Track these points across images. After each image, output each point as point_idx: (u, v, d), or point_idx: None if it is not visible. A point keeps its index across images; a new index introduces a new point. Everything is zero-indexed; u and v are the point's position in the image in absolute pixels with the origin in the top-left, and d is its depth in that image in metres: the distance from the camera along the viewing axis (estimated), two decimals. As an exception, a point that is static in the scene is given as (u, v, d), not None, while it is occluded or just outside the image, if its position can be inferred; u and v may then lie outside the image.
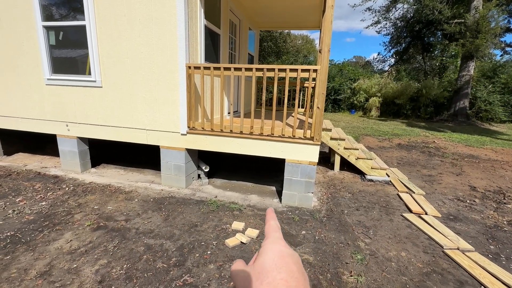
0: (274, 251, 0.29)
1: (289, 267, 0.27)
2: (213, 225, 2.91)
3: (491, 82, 13.77)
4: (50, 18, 3.90)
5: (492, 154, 6.78)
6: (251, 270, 0.29)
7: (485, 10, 11.85)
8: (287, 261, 0.28)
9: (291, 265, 0.28)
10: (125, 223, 2.88)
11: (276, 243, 0.31)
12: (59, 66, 4.06)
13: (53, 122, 4.28)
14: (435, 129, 11.08)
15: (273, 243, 0.31)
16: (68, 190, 3.66)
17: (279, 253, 0.29)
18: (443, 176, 4.97)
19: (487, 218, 3.34)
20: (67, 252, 2.35)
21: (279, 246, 0.30)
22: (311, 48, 27.07)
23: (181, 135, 3.70)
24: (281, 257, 0.28)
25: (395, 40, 17.68)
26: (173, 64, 3.47)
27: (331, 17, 2.96)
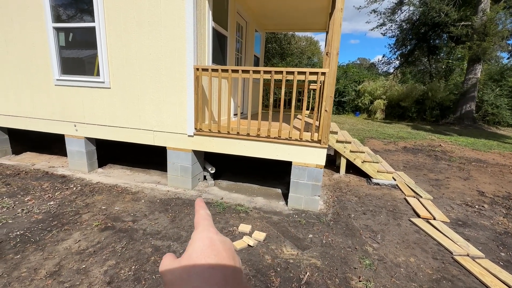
0: (202, 239, 0.27)
1: (219, 255, 0.26)
2: (219, 227, 2.91)
3: (499, 85, 13.62)
4: (60, 19, 3.95)
5: (499, 159, 6.69)
6: (178, 264, 0.26)
7: (492, 13, 11.74)
8: (216, 248, 0.26)
9: (221, 252, 0.26)
10: (133, 224, 2.90)
11: (205, 230, 0.29)
12: (68, 67, 4.11)
13: (61, 122, 4.32)
14: (441, 132, 10.98)
15: (202, 231, 0.29)
16: (76, 190, 3.69)
17: (208, 241, 0.27)
18: (450, 180, 4.92)
19: (496, 224, 3.29)
20: (76, 252, 2.36)
21: (208, 233, 0.29)
22: (315, 50, 27.04)
23: (188, 137, 3.71)
24: (210, 245, 0.26)
25: (401, 42, 17.57)
26: (181, 66, 3.49)
27: (340, 20, 2.95)
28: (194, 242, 0.28)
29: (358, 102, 16.01)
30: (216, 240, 0.28)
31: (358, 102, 16.07)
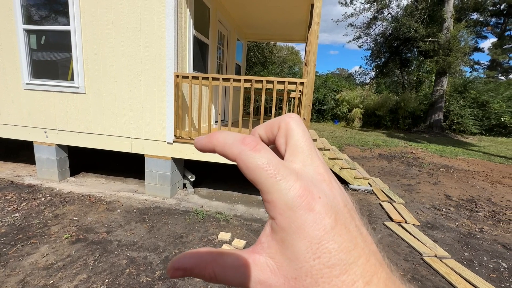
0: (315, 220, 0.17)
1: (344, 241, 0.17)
2: (199, 236, 2.87)
3: (462, 97, 14.77)
4: (32, 21, 3.78)
5: (464, 165, 7.22)
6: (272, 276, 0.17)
7: (455, 31, 12.83)
8: (339, 230, 0.17)
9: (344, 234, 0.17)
10: (107, 235, 2.77)
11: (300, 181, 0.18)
12: (39, 71, 3.92)
13: (30, 128, 4.08)
14: (413, 140, 11.65)
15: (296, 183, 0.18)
16: (44, 201, 3.48)
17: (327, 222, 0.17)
18: (421, 185, 5.22)
19: (461, 226, 3.53)
20: (43, 267, 2.21)
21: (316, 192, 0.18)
22: (296, 59, 27.83)
23: (167, 144, 3.65)
24: (332, 228, 0.17)
25: (376, 54, 18.61)
26: (161, 73, 3.46)
27: (316, 33, 3.10)
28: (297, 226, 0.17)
29: (337, 110, 16.62)
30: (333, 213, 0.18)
31: (337, 111, 16.68)
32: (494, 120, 14.25)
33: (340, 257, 0.16)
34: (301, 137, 0.21)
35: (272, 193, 0.17)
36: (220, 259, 0.19)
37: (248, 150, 0.18)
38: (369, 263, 0.17)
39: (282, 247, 0.17)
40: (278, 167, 0.18)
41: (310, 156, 0.20)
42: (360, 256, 0.17)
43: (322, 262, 0.16)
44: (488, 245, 3.08)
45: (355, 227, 0.18)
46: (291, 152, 0.21)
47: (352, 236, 0.17)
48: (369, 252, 0.17)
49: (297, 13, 5.08)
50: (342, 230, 0.17)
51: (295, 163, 0.20)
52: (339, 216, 0.18)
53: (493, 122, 14.31)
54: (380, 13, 16.31)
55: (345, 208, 0.18)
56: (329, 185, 0.19)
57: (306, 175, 0.19)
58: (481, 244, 3.09)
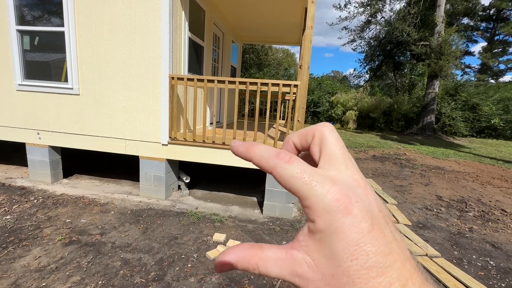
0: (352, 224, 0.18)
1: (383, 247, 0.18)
2: (193, 237, 2.87)
3: (454, 100, 15.07)
4: (25, 21, 3.76)
5: (455, 166, 7.36)
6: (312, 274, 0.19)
7: (446, 35, 13.11)
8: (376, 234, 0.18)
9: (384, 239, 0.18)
10: (100, 237, 2.76)
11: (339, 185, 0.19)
12: (32, 72, 3.89)
13: (23, 130, 4.03)
14: (406, 141, 11.83)
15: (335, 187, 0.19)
16: (37, 203, 3.44)
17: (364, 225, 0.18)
18: (413, 186, 5.31)
19: (451, 226, 3.61)
20: (35, 270, 2.20)
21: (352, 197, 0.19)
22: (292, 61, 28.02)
23: (162, 146, 3.66)
24: (369, 231, 0.18)
25: (369, 57, 18.88)
26: (156, 75, 3.47)
27: (310, 36, 3.16)
28: (334, 230, 0.18)
29: (332, 112, 16.77)
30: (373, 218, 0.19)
31: (331, 113, 16.82)
32: (484, 123, 14.57)
33: (377, 260, 0.17)
34: (335, 145, 0.22)
35: (309, 198, 0.19)
36: (261, 253, 0.20)
37: (282, 163, 0.20)
38: (404, 267, 0.18)
39: (320, 246, 0.18)
40: (312, 175, 0.19)
41: (345, 163, 0.21)
42: (396, 260, 0.18)
43: (360, 263, 0.17)
44: (477, 244, 3.16)
45: (390, 232, 0.19)
46: (326, 160, 0.21)
47: (387, 240, 0.18)
48: (404, 257, 0.18)
49: (292, 16, 5.15)
50: (379, 235, 0.18)
51: (330, 170, 0.21)
52: (375, 221, 0.18)
53: (483, 124, 14.62)
54: (373, 17, 16.58)
55: (380, 213, 0.19)
56: (364, 191, 0.20)
57: (342, 181, 0.20)
58: (470, 243, 3.17)
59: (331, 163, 0.21)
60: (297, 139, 0.24)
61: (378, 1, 15.72)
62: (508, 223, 3.79)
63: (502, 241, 3.25)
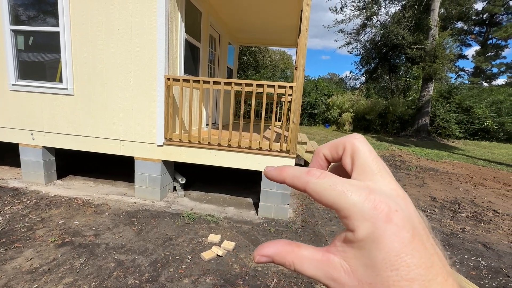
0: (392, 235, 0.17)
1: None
2: (188, 238, 2.87)
3: (448, 102, 15.28)
4: (20, 21, 3.73)
5: (449, 168, 7.45)
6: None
7: (440, 39, 13.32)
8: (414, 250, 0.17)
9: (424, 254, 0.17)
10: (94, 238, 2.74)
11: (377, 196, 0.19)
12: (26, 72, 3.85)
13: (16, 130, 3.99)
14: (401, 143, 11.94)
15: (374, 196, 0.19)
16: (30, 204, 3.40)
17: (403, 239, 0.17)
18: (407, 187, 5.36)
19: (444, 226, 3.65)
20: (27, 271, 2.17)
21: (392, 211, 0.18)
22: (288, 63, 28.15)
23: (158, 146, 3.65)
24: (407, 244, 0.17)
25: (365, 60, 19.07)
26: (152, 76, 3.47)
27: (305, 39, 3.19)
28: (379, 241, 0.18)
29: (328, 114, 16.87)
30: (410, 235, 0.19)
31: (328, 115, 16.93)
32: (478, 125, 14.78)
33: (419, 272, 0.16)
34: (368, 156, 0.21)
35: (346, 208, 0.18)
36: (298, 251, 0.20)
37: (314, 179, 0.20)
38: (447, 282, 0.17)
39: (359, 253, 0.18)
40: (345, 185, 0.19)
41: (380, 173, 0.21)
42: (438, 274, 0.17)
43: (400, 275, 0.17)
44: (470, 244, 3.20)
45: (431, 245, 0.18)
46: (359, 172, 0.21)
47: (429, 253, 0.17)
48: (447, 272, 0.18)
49: (288, 18, 5.19)
50: (420, 246, 0.17)
51: (365, 181, 0.20)
52: (416, 232, 0.18)
53: (476, 126, 14.84)
54: (369, 20, 16.76)
55: (420, 224, 0.19)
56: (404, 200, 0.19)
57: (379, 190, 0.19)
58: (463, 243, 3.21)
59: (365, 174, 0.21)
60: (327, 151, 0.24)
61: (374, 5, 15.91)
62: (500, 223, 3.85)
63: (494, 242, 3.30)
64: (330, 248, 0.20)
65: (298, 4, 4.20)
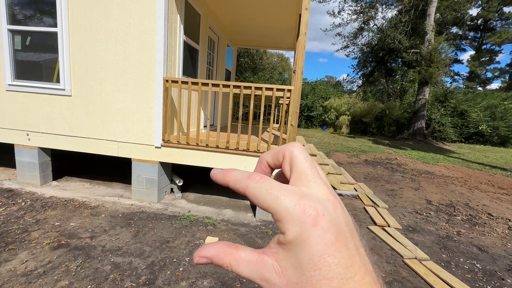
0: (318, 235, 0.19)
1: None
2: (186, 240, 2.86)
3: (443, 106, 15.46)
4: (17, 21, 3.71)
5: (444, 171, 7.53)
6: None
7: (436, 43, 13.49)
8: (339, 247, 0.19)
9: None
10: (90, 240, 2.71)
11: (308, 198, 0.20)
12: (23, 72, 3.83)
13: (11, 131, 3.95)
14: (397, 146, 12.04)
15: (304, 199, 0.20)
16: (25, 205, 3.36)
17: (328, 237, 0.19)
18: (403, 190, 5.40)
19: (440, 229, 3.69)
20: (22, 274, 2.14)
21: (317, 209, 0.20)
22: (286, 66, 28.28)
23: (155, 148, 3.64)
24: (333, 243, 0.19)
25: (362, 63, 19.22)
26: (150, 77, 3.47)
27: (304, 42, 3.21)
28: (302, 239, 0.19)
29: (325, 117, 16.96)
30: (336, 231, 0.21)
31: (325, 117, 17.01)
32: (473, 129, 14.97)
33: (338, 271, 0.18)
34: (304, 163, 0.23)
35: (279, 212, 0.20)
36: (236, 253, 0.22)
37: (253, 183, 0.21)
38: (364, 280, 0.19)
39: (288, 255, 0.19)
40: (280, 190, 0.20)
41: (314, 179, 0.22)
42: (356, 273, 0.19)
43: (322, 274, 0.18)
44: (465, 247, 3.23)
45: (354, 246, 0.20)
46: (296, 178, 0.23)
47: (350, 253, 0.19)
48: (366, 270, 0.19)
49: (286, 22, 5.23)
50: (343, 247, 0.19)
51: (300, 186, 0.22)
52: (340, 234, 0.19)
53: (471, 130, 15.03)
54: (366, 24, 16.93)
55: (346, 227, 0.20)
56: (333, 205, 0.21)
57: (311, 195, 0.21)
58: (458, 246, 3.24)
59: (301, 180, 0.22)
60: (270, 158, 0.26)
61: (371, 9, 16.08)
62: (494, 226, 3.90)
63: (488, 245, 3.34)
64: (265, 250, 0.21)
65: (297, 7, 4.24)
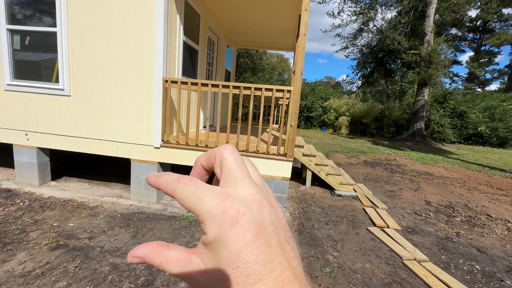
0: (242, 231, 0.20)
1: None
2: (184, 241, 2.85)
3: (442, 107, 15.50)
4: (16, 21, 3.70)
5: (444, 172, 7.54)
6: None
7: (435, 44, 13.53)
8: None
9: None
10: (89, 241, 2.70)
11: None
12: (22, 72, 3.81)
13: (10, 131, 3.94)
14: (397, 147, 12.05)
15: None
16: (23, 206, 3.35)
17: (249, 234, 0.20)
18: (402, 191, 5.40)
19: (439, 230, 3.69)
20: (20, 275, 2.13)
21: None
22: (286, 66, 28.32)
23: (154, 148, 3.63)
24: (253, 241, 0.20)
25: (362, 64, 19.25)
26: (150, 77, 3.46)
27: (303, 43, 3.21)
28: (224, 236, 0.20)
29: (325, 118, 16.97)
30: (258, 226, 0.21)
31: (324, 118, 17.03)
32: (472, 130, 15.01)
33: (255, 268, 0.19)
34: (232, 165, 0.23)
35: (202, 214, 0.20)
36: (167, 252, 0.22)
37: (181, 186, 0.22)
38: (282, 275, 0.19)
39: (210, 254, 0.20)
40: (205, 192, 0.21)
41: (242, 180, 0.23)
42: (275, 268, 0.19)
43: (239, 271, 0.19)
44: (464, 248, 3.23)
45: (277, 243, 0.20)
46: (225, 179, 0.23)
47: (271, 250, 0.20)
48: (287, 266, 0.20)
49: (286, 23, 5.23)
50: (262, 245, 0.19)
51: (228, 187, 0.22)
52: (261, 232, 0.20)
53: (470, 131, 15.06)
54: (366, 25, 16.96)
55: (270, 225, 0.21)
56: (258, 204, 0.21)
57: (236, 196, 0.21)
58: (457, 247, 3.24)
59: (229, 181, 0.23)
60: (204, 160, 0.26)
61: (370, 10, 16.12)
62: (493, 228, 3.90)
63: (488, 246, 3.34)
64: (194, 250, 0.22)
65: (296, 8, 4.24)
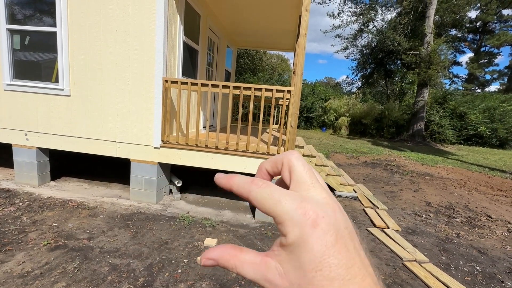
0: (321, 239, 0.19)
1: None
2: (184, 242, 2.84)
3: (442, 108, 15.50)
4: (16, 21, 3.69)
5: (444, 172, 7.53)
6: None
7: (435, 45, 13.54)
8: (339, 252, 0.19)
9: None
10: (88, 241, 2.69)
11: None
12: (22, 71, 3.81)
13: (10, 131, 3.93)
14: (397, 148, 12.05)
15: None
16: (22, 206, 3.34)
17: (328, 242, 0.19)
18: (403, 192, 5.40)
19: (439, 231, 3.68)
20: (18, 276, 2.12)
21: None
22: (286, 67, 28.32)
23: (154, 149, 3.62)
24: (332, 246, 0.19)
25: (362, 65, 19.27)
26: (150, 78, 3.45)
27: (304, 44, 3.21)
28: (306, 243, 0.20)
29: (325, 118, 16.97)
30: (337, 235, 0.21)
31: (324, 118, 17.03)
32: (472, 131, 15.01)
33: (339, 272, 0.18)
34: (302, 170, 0.24)
35: (280, 215, 0.20)
36: (241, 255, 0.22)
37: (256, 188, 0.22)
38: (364, 282, 0.19)
39: (290, 257, 0.20)
40: (281, 195, 0.21)
41: (313, 184, 0.23)
42: (357, 274, 0.19)
43: (323, 275, 0.19)
44: (464, 249, 3.22)
45: (353, 248, 0.20)
46: (295, 184, 0.24)
47: (351, 255, 0.19)
48: (366, 272, 0.20)
49: (286, 23, 5.23)
50: (343, 249, 0.19)
51: (300, 191, 0.23)
52: (339, 236, 0.20)
53: (470, 132, 15.06)
54: (366, 26, 16.97)
55: (345, 230, 0.21)
56: (332, 208, 0.22)
57: (311, 199, 0.22)
58: (457, 248, 3.23)
59: (300, 186, 0.23)
60: (269, 166, 0.27)
61: (370, 11, 16.13)
62: (494, 229, 3.89)
63: (488, 247, 3.33)
64: (269, 253, 0.22)
65: (297, 9, 4.24)
